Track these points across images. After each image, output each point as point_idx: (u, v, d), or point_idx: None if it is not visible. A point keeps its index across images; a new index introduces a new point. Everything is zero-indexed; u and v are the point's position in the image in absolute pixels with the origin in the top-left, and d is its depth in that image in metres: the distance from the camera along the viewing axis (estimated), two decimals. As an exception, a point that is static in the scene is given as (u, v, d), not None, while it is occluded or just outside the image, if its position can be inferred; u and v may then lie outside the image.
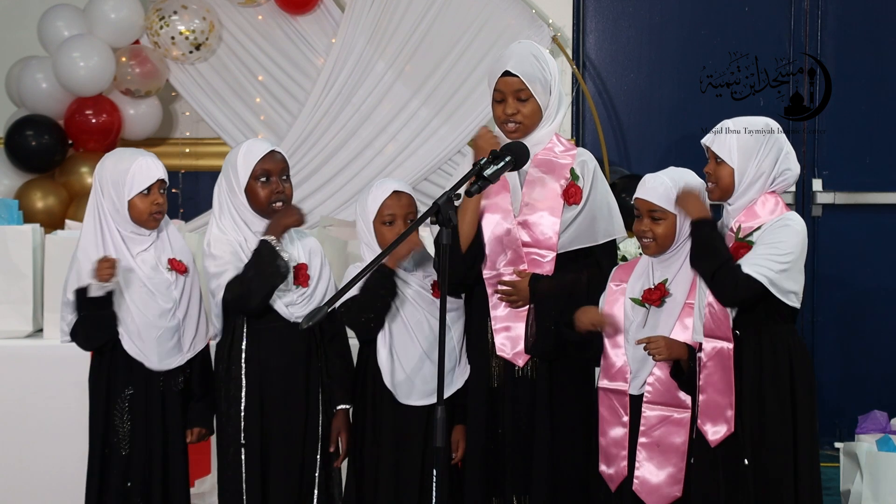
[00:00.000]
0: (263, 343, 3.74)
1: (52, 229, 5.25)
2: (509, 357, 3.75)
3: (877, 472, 4.68)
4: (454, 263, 3.55)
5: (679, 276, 3.63)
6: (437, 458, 3.24)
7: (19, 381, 4.71)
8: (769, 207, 3.50)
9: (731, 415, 3.46)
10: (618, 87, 6.43)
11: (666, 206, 3.59)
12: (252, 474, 3.71)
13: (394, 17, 6.20)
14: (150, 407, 3.77)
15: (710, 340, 3.50)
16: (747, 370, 3.46)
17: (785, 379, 3.45)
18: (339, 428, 3.82)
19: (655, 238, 3.61)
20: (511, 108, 3.74)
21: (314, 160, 6.23)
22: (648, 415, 3.61)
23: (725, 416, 3.48)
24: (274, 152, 3.79)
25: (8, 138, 6.12)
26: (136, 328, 3.73)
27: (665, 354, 3.53)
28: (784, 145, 3.54)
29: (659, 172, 3.67)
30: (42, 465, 4.68)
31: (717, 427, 3.49)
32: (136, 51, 6.13)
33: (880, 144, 6.30)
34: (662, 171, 3.67)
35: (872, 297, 6.29)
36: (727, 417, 3.47)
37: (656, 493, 3.60)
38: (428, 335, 3.75)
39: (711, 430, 3.50)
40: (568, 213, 3.76)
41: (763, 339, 3.46)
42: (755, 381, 3.46)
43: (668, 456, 3.60)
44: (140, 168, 3.75)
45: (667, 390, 3.60)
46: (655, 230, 3.61)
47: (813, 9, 6.27)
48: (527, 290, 3.73)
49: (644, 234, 3.63)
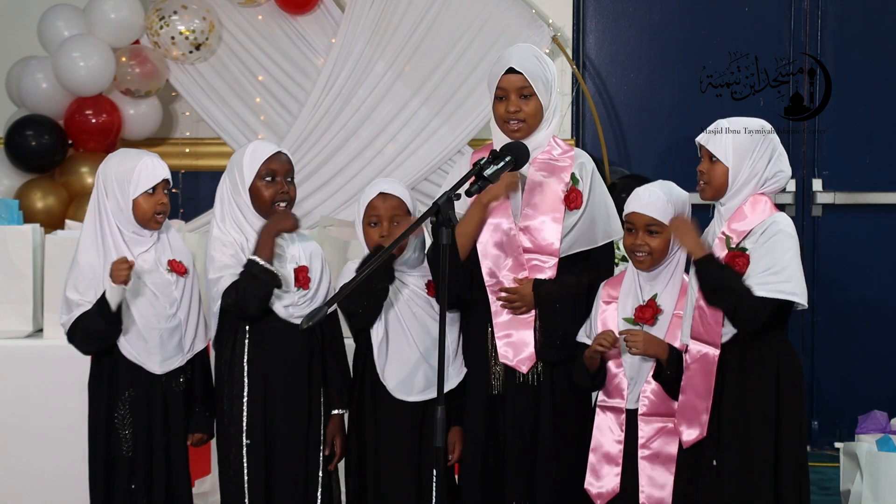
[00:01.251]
0: (265, 344, 3.74)
1: (52, 229, 5.25)
2: (512, 364, 3.73)
3: (877, 472, 4.68)
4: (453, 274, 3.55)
5: (667, 290, 3.65)
6: (437, 459, 3.24)
7: (19, 381, 4.71)
8: (759, 209, 3.49)
9: (705, 419, 3.47)
10: (618, 87, 6.43)
11: (664, 220, 3.60)
12: (255, 474, 3.71)
13: (394, 17, 6.20)
14: (151, 408, 3.77)
15: (697, 343, 3.50)
16: (731, 372, 3.45)
17: (770, 381, 3.43)
18: (335, 432, 3.83)
19: (651, 252, 3.62)
20: (514, 106, 3.73)
21: (314, 160, 6.23)
22: (645, 428, 3.62)
23: (700, 419, 3.48)
24: (280, 153, 3.79)
25: (8, 138, 6.12)
26: (138, 330, 3.72)
27: (641, 349, 3.55)
28: (777, 146, 3.53)
29: (648, 186, 3.69)
30: (42, 465, 4.68)
31: (691, 430, 3.50)
32: (136, 51, 6.13)
33: (880, 144, 6.30)
34: (653, 185, 3.68)
35: (872, 297, 6.29)
36: (702, 422, 3.48)
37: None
38: (423, 334, 3.76)
39: (685, 431, 3.52)
40: (569, 218, 3.75)
41: (749, 342, 3.45)
42: (738, 383, 3.45)
43: (668, 466, 3.61)
44: (146, 167, 3.75)
45: (661, 401, 3.62)
46: (651, 244, 3.62)
47: (813, 9, 6.28)
48: (530, 295, 3.72)
49: (639, 249, 3.63)
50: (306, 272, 3.78)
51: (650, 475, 3.62)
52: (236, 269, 3.68)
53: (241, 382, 3.73)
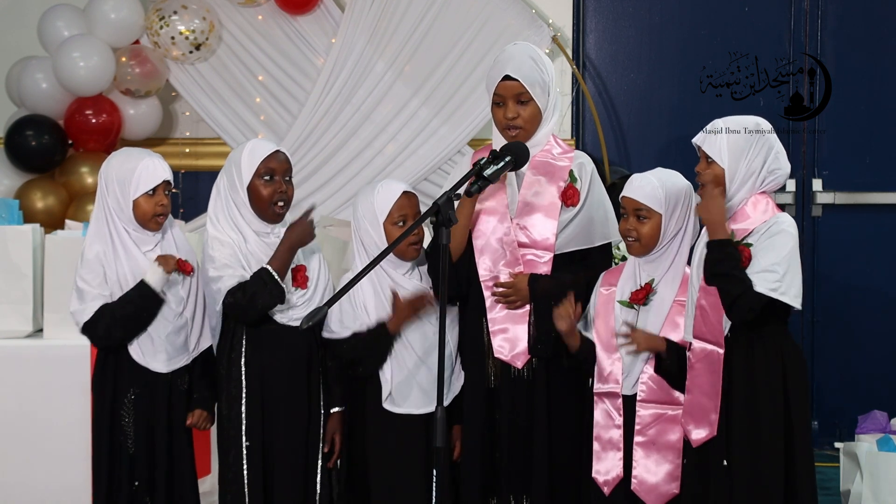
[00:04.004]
0: (263, 345, 3.74)
1: (52, 229, 5.25)
2: (508, 359, 3.74)
3: (877, 472, 4.68)
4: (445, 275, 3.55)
5: (667, 276, 3.64)
6: (436, 459, 3.24)
7: (19, 381, 4.71)
8: (761, 208, 3.46)
9: (714, 418, 3.45)
10: (618, 87, 6.43)
11: (652, 206, 3.60)
12: (254, 475, 3.71)
13: (394, 17, 6.20)
14: (155, 407, 3.77)
15: (700, 342, 3.49)
16: (738, 372, 3.44)
17: (778, 381, 3.42)
18: (335, 430, 3.82)
19: (640, 238, 3.62)
20: (511, 112, 3.73)
21: (314, 160, 6.23)
22: (643, 413, 3.61)
23: (709, 419, 3.46)
24: (279, 152, 3.79)
25: (8, 138, 6.12)
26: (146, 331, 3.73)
27: (643, 346, 3.55)
28: (774, 144, 3.49)
29: (647, 172, 3.68)
30: (42, 465, 4.68)
31: (700, 429, 3.48)
32: (136, 51, 6.13)
33: (880, 144, 6.30)
34: (650, 172, 3.68)
35: (872, 296, 6.29)
36: (711, 421, 3.46)
37: (655, 492, 3.60)
38: (423, 341, 3.75)
39: (694, 431, 3.50)
40: (565, 214, 3.76)
41: (755, 341, 3.44)
42: (747, 383, 3.43)
43: (664, 453, 3.60)
44: (146, 168, 3.76)
45: (660, 388, 3.60)
46: (640, 230, 3.61)
47: (813, 9, 6.28)
48: (526, 289, 3.72)
49: (629, 234, 3.64)
50: (304, 272, 3.78)
51: (644, 462, 3.60)
52: (236, 269, 3.68)
53: (239, 384, 3.72)
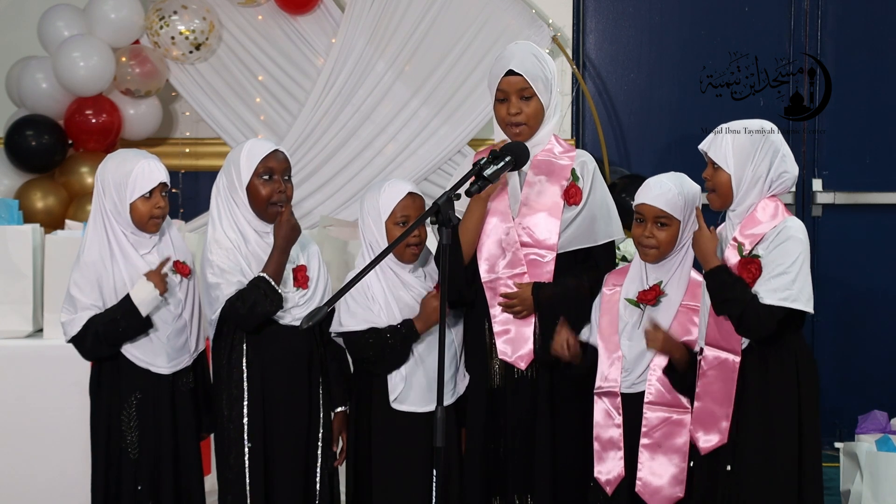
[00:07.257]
0: (264, 345, 3.73)
1: (52, 229, 5.25)
2: (511, 360, 3.74)
3: (877, 472, 4.68)
4: (454, 276, 3.55)
5: (674, 279, 3.63)
6: (437, 459, 3.24)
7: (19, 381, 4.71)
8: (770, 212, 3.45)
9: (725, 426, 3.43)
10: (618, 87, 6.43)
11: (674, 213, 3.58)
12: (256, 476, 3.71)
13: (394, 17, 6.20)
14: (159, 409, 3.76)
15: (714, 350, 3.46)
16: (752, 379, 3.42)
17: (792, 388, 3.41)
18: (340, 429, 3.84)
19: (659, 245, 3.60)
20: (514, 108, 3.73)
21: (314, 160, 6.23)
22: (650, 416, 3.59)
23: (720, 426, 3.45)
24: (277, 151, 3.79)
25: (8, 138, 6.12)
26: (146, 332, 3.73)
27: (659, 347, 3.53)
28: (780, 147, 3.47)
29: (660, 177, 3.64)
30: (42, 465, 4.68)
31: (710, 436, 3.47)
32: (136, 51, 6.13)
33: (880, 144, 6.30)
34: (665, 177, 3.64)
35: (872, 297, 6.30)
36: (721, 428, 3.44)
37: (659, 495, 3.59)
38: (428, 341, 3.74)
39: (703, 437, 3.49)
40: (568, 213, 3.76)
41: (769, 348, 3.42)
42: (760, 391, 3.41)
43: (670, 457, 3.59)
44: (142, 171, 3.74)
45: (668, 391, 3.59)
46: (659, 236, 3.59)
47: (813, 9, 6.28)
48: (530, 298, 3.72)
49: (646, 240, 3.61)
50: (304, 272, 3.78)
51: (649, 465, 3.59)
52: (234, 276, 3.67)
53: (240, 385, 3.72)
